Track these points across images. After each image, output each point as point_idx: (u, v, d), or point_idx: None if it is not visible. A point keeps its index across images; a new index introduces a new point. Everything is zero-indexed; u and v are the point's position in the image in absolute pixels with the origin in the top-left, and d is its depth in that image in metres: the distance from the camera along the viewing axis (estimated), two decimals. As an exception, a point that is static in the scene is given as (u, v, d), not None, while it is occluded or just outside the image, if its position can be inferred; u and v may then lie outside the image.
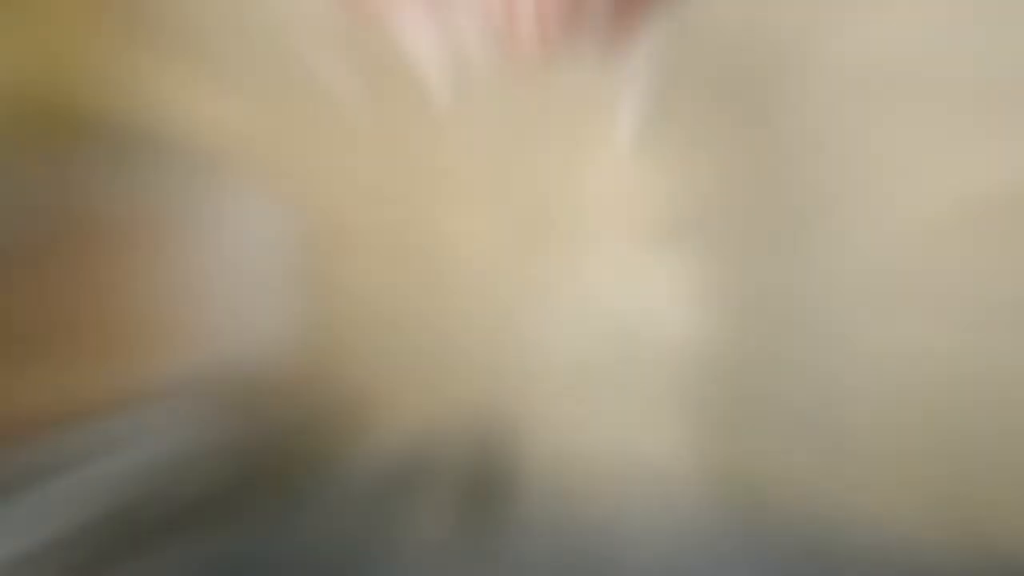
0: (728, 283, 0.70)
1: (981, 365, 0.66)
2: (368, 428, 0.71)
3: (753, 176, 0.69)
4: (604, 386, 0.72)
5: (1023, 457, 0.67)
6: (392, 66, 0.74)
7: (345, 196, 0.77)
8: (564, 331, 0.72)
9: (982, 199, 0.66)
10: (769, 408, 0.70)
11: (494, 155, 0.73)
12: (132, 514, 0.67)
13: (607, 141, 0.71)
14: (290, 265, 0.79)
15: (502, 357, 0.74)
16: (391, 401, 0.73)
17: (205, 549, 0.51)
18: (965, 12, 0.65)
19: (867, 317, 0.69)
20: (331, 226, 0.78)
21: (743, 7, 0.68)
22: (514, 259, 0.73)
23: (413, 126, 0.75)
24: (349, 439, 0.70)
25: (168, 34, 0.79)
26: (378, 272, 0.76)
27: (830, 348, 0.69)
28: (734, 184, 0.70)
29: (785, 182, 0.69)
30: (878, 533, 0.56)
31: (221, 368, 0.79)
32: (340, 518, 0.57)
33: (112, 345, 0.79)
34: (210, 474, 0.69)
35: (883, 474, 0.69)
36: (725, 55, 0.68)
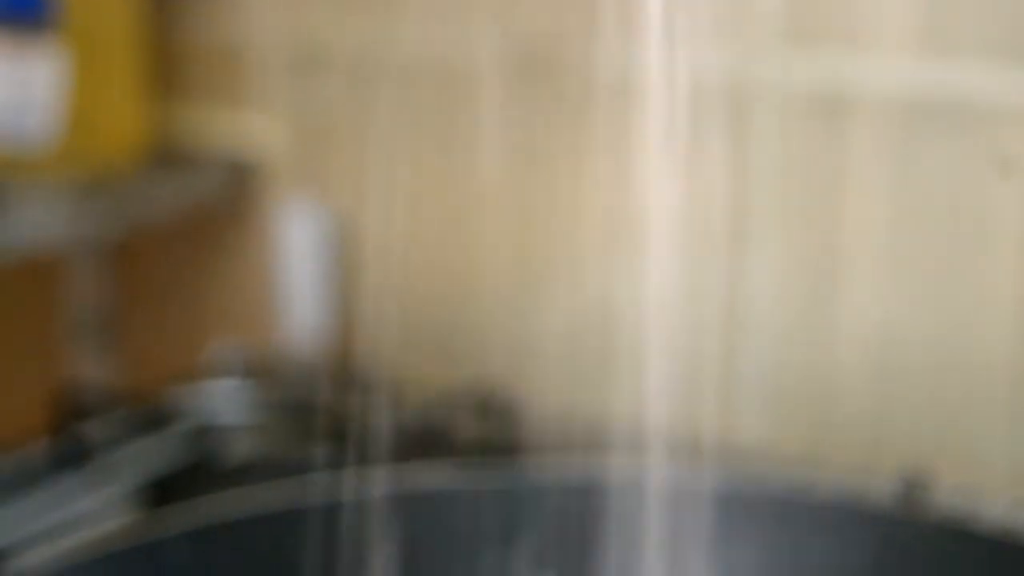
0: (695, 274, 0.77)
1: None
2: (396, 397, 0.78)
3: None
4: (593, 361, 0.79)
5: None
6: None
7: (377, 202, 0.85)
8: (560, 317, 0.80)
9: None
10: (744, 378, 0.77)
11: (510, 171, 0.80)
12: (203, 467, 0.74)
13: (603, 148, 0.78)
14: (330, 262, 0.87)
15: (508, 339, 0.81)
16: (416, 375, 0.81)
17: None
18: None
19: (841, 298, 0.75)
20: (364, 228, 0.85)
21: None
22: (519, 257, 0.81)
23: (437, 145, 0.82)
24: (380, 406, 0.77)
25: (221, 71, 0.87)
26: (404, 268, 0.84)
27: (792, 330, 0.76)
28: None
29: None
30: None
31: (274, 349, 0.87)
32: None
33: (185, 330, 0.87)
34: (264, 437, 0.76)
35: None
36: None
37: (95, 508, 0.71)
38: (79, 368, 0.85)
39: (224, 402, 0.79)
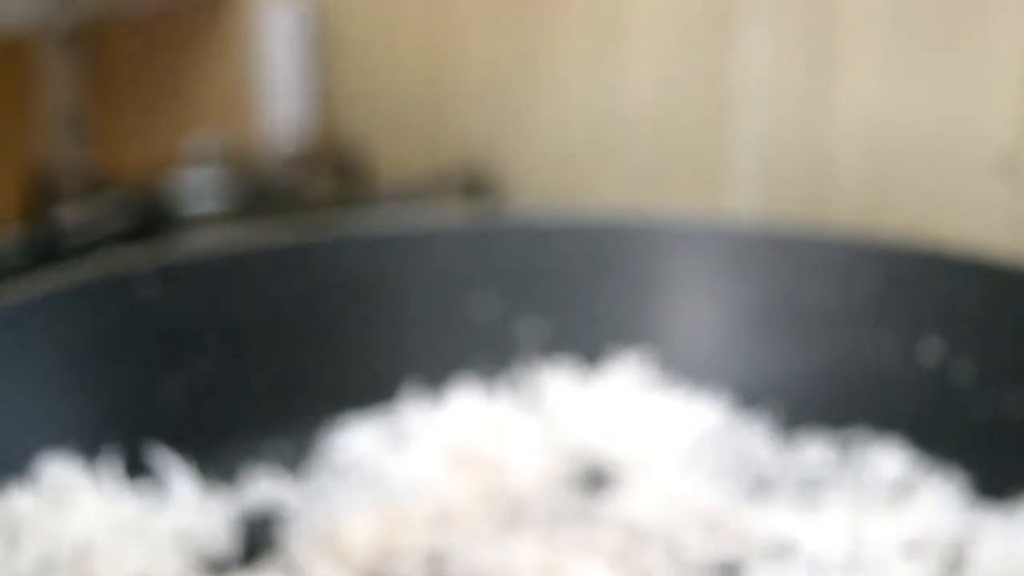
0: (677, 64, 0.75)
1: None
2: (377, 176, 0.76)
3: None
4: (581, 142, 0.77)
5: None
6: None
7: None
8: (547, 98, 0.77)
9: None
10: (738, 161, 0.75)
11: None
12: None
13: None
14: (311, 49, 0.84)
15: (493, 121, 0.79)
16: (397, 155, 0.79)
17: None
18: None
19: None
20: (346, 14, 0.83)
21: None
22: (507, 42, 0.78)
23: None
24: (361, 187, 0.75)
25: None
26: (386, 52, 0.82)
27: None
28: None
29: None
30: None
31: (253, 139, 0.84)
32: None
33: (162, 120, 0.85)
34: (240, 225, 0.74)
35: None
36: None
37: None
38: (54, 157, 0.82)
39: (200, 191, 0.77)
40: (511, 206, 0.73)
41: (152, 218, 0.75)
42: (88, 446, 0.53)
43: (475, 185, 0.75)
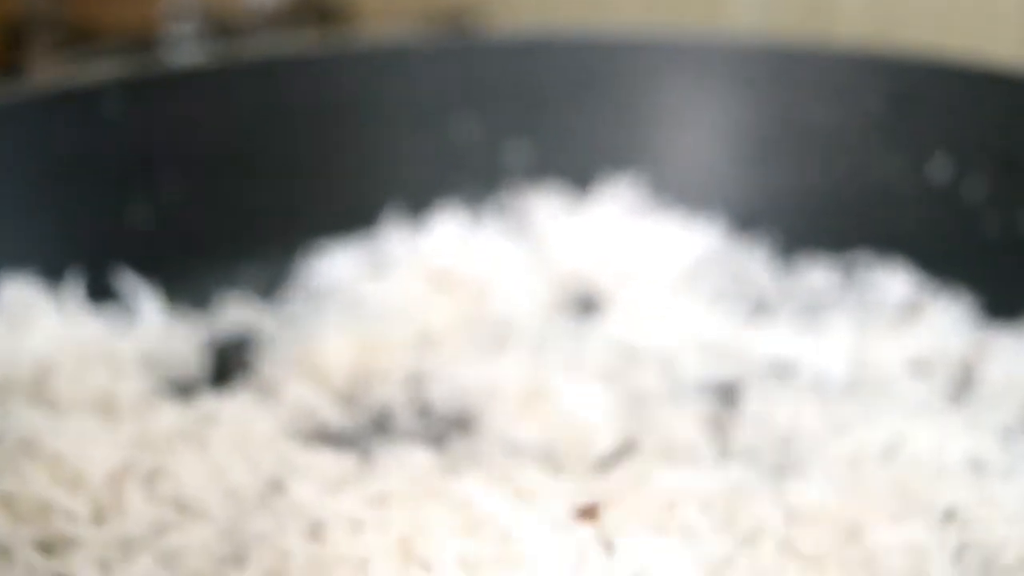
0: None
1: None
2: (363, 28, 0.73)
3: None
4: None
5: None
6: None
7: None
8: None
9: None
10: None
11: None
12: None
13: None
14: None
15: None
16: (382, 5, 0.76)
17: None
18: None
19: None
20: None
21: None
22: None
23: None
24: (345, 37, 0.72)
25: None
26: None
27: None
28: None
29: None
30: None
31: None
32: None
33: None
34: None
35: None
36: None
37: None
38: (30, 12, 0.79)
39: (181, 45, 0.73)
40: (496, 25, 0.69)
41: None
42: (51, 268, 0.50)
43: (462, 23, 0.71)
